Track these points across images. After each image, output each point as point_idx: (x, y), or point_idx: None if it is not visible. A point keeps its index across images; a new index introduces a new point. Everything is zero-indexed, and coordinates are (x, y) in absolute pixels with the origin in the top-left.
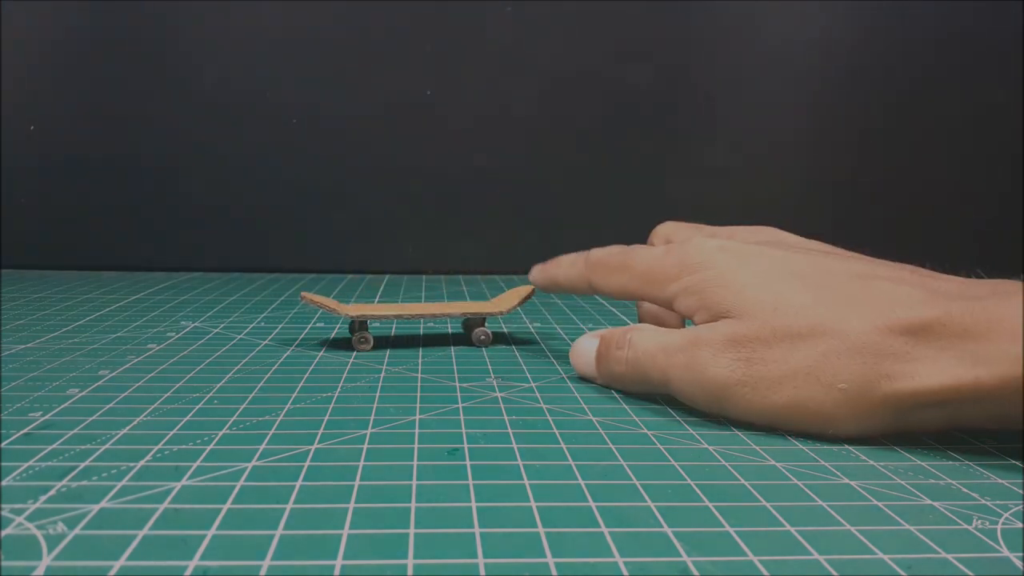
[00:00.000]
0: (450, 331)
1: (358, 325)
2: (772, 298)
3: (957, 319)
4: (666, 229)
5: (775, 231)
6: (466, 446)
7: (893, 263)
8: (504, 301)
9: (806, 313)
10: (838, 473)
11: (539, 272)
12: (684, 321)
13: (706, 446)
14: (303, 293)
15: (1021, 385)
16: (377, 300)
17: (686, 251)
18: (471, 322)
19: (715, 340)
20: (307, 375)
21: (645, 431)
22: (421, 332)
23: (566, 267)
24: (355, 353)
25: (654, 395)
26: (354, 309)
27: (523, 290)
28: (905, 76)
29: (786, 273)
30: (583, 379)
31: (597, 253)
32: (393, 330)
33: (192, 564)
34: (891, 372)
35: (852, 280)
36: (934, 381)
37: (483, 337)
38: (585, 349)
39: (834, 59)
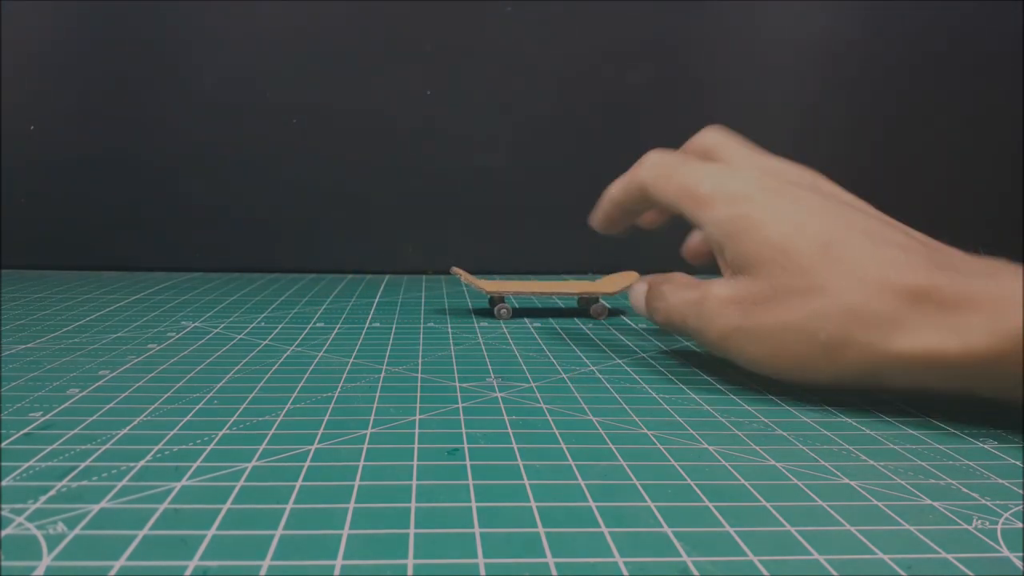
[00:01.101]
0: (562, 305)
1: (497, 299)
2: (784, 257)
3: (944, 291)
4: (709, 139)
5: (815, 177)
6: (466, 446)
7: (911, 230)
8: (611, 283)
9: (810, 275)
10: (838, 473)
11: (597, 211)
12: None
13: (706, 446)
14: (454, 268)
15: (986, 358)
16: (378, 295)
17: (727, 182)
18: (587, 299)
19: (723, 296)
20: (307, 375)
21: (645, 431)
22: (538, 305)
23: (621, 180)
24: (355, 353)
25: (655, 394)
26: (491, 286)
27: (629, 275)
28: (905, 76)
29: (806, 228)
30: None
31: (652, 154)
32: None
33: (192, 564)
34: (872, 331)
35: (864, 239)
36: (908, 346)
37: (600, 311)
38: (638, 293)
39: (834, 59)
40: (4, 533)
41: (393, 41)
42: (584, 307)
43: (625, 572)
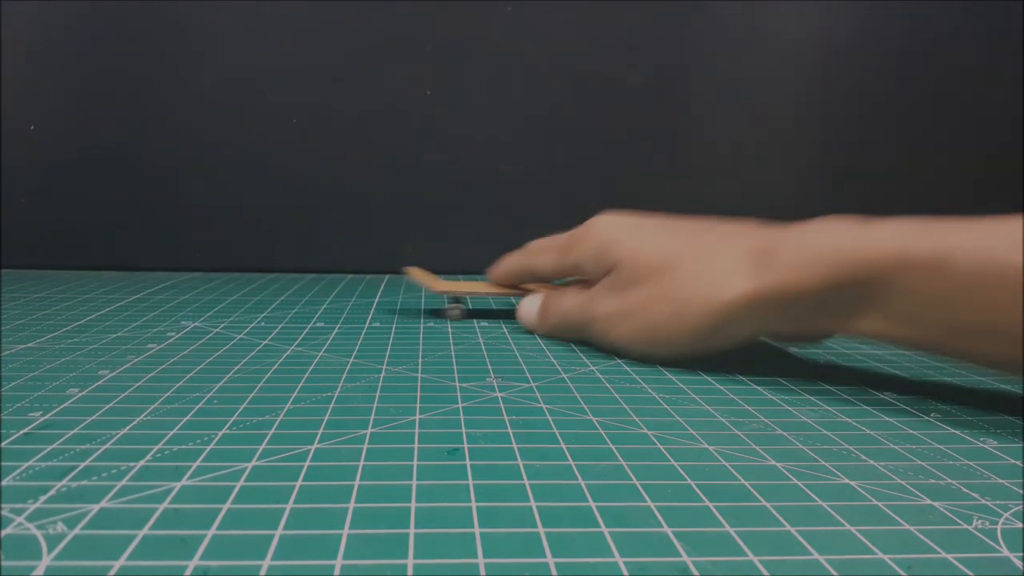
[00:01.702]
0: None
1: (451, 299)
2: (642, 246)
3: (768, 243)
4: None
5: (629, 216)
6: (466, 446)
7: (732, 222)
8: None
9: (665, 252)
10: (838, 473)
11: (495, 268)
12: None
13: (706, 446)
14: (406, 268)
15: (793, 286)
16: (378, 295)
17: (589, 226)
18: None
19: (602, 288)
20: (307, 375)
21: (645, 431)
22: (494, 306)
23: (511, 257)
24: (355, 353)
25: (655, 394)
26: (443, 285)
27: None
28: (905, 75)
29: (657, 230)
30: (528, 331)
31: (533, 243)
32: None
33: (192, 564)
34: (715, 285)
35: (708, 234)
36: (739, 291)
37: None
38: (530, 308)
39: (834, 59)
40: (4, 533)
41: (393, 41)
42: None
43: (625, 572)
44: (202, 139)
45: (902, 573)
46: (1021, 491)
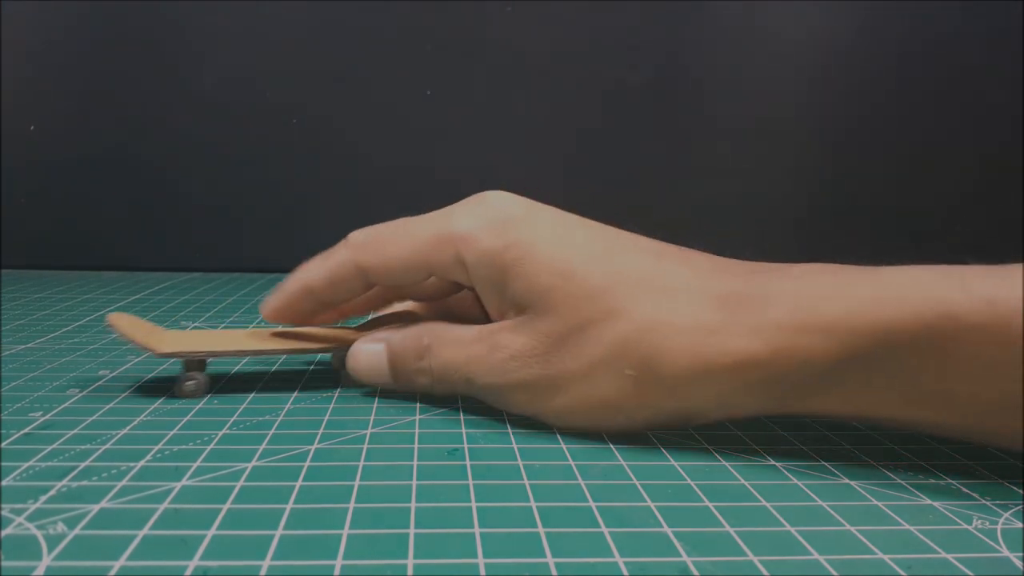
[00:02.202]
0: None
1: (183, 365)
2: (572, 283)
3: (740, 292)
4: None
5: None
6: (466, 446)
7: (678, 246)
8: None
9: (602, 297)
10: (838, 473)
11: (276, 295)
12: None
13: (706, 446)
14: (110, 316)
15: (794, 358)
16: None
17: (485, 212)
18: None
19: (515, 342)
20: (307, 375)
21: (645, 431)
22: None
23: (318, 262)
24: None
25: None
26: (169, 344)
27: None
28: (906, 75)
29: (582, 246)
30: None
31: (360, 232)
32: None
33: (192, 564)
34: (675, 349)
35: (643, 256)
36: (715, 356)
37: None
38: (371, 360)
39: (835, 59)
40: (4, 533)
41: (393, 41)
42: (339, 366)
43: (625, 572)
44: (202, 139)
45: (902, 573)
46: (1021, 491)
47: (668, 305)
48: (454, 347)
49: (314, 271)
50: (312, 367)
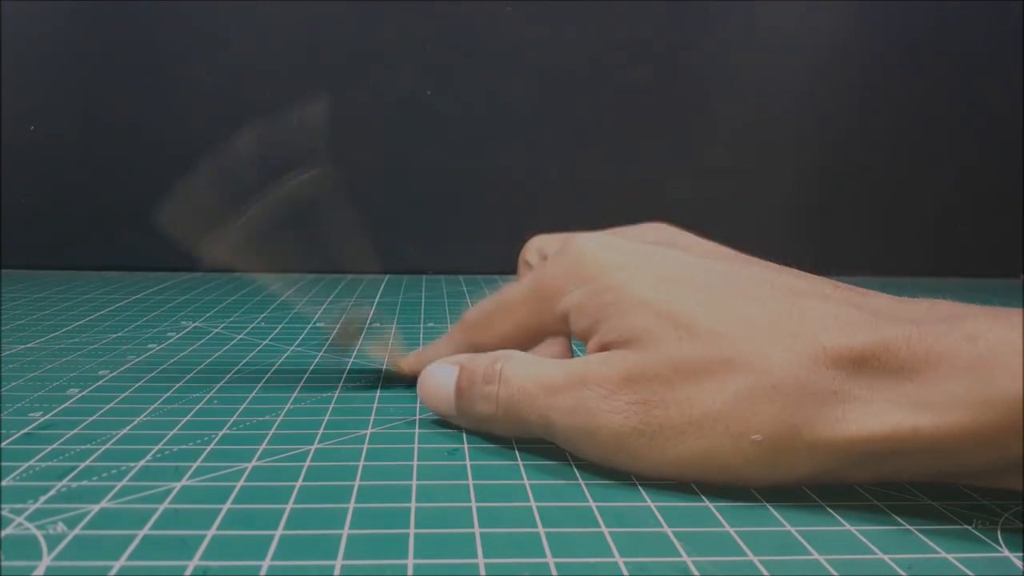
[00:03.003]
0: None
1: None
2: (675, 323)
3: (894, 350)
4: (538, 243)
5: (666, 228)
6: (466, 446)
7: (808, 274)
8: None
9: (717, 343)
10: None
11: (413, 362)
12: (572, 345)
13: None
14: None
15: (969, 436)
16: (378, 295)
17: (567, 256)
18: None
19: (607, 378)
20: (307, 375)
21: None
22: None
23: (443, 343)
24: (355, 353)
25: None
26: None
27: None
28: (906, 75)
29: (691, 287)
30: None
31: (470, 311)
32: None
33: (192, 564)
34: (815, 417)
35: (769, 297)
36: (864, 429)
37: None
38: (440, 381)
39: (835, 59)
40: (4, 533)
41: (393, 41)
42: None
43: (625, 572)
44: (202, 139)
45: (902, 573)
46: (1021, 491)
47: (799, 363)
48: (531, 377)
49: (439, 351)
50: (312, 366)
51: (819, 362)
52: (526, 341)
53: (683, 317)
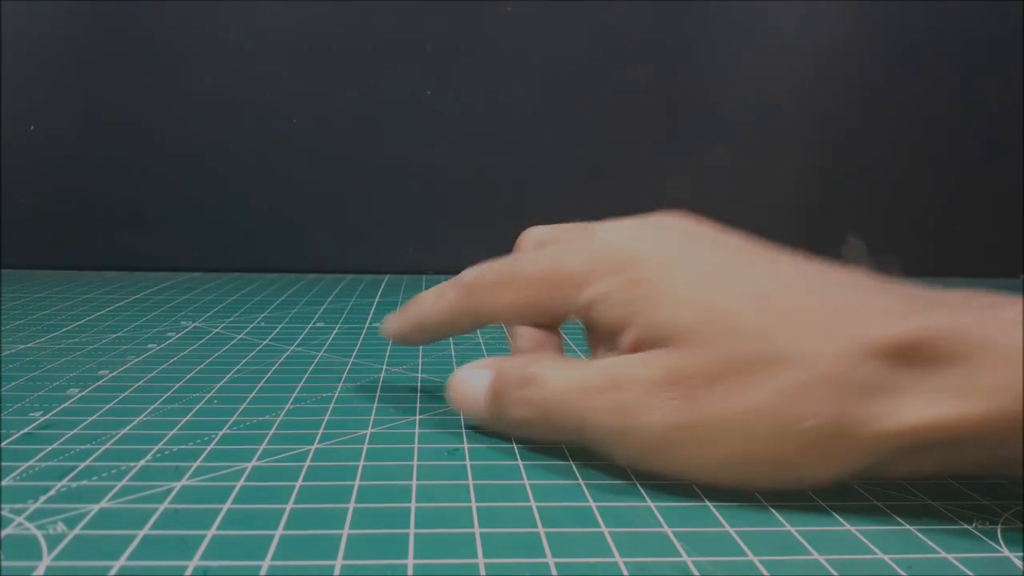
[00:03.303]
0: None
1: None
2: (718, 319)
3: (937, 338)
4: (537, 233)
5: (685, 219)
6: (466, 446)
7: (841, 267)
8: None
9: (762, 338)
10: None
11: (396, 322)
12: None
13: None
14: None
15: (1015, 423)
16: (378, 295)
17: (599, 243)
18: None
19: (648, 378)
20: (307, 375)
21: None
22: None
23: (432, 301)
24: (355, 353)
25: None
26: None
27: None
28: (906, 75)
29: (731, 281)
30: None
31: (471, 272)
32: None
33: (192, 564)
34: (863, 409)
35: (811, 289)
36: (911, 418)
37: None
38: (472, 386)
39: (835, 59)
40: (4, 533)
41: (393, 41)
42: None
43: (625, 572)
44: (202, 139)
45: (902, 573)
46: (1021, 491)
47: (847, 354)
48: (566, 379)
49: (427, 310)
50: (312, 366)
51: (865, 354)
52: (531, 319)
53: (726, 313)
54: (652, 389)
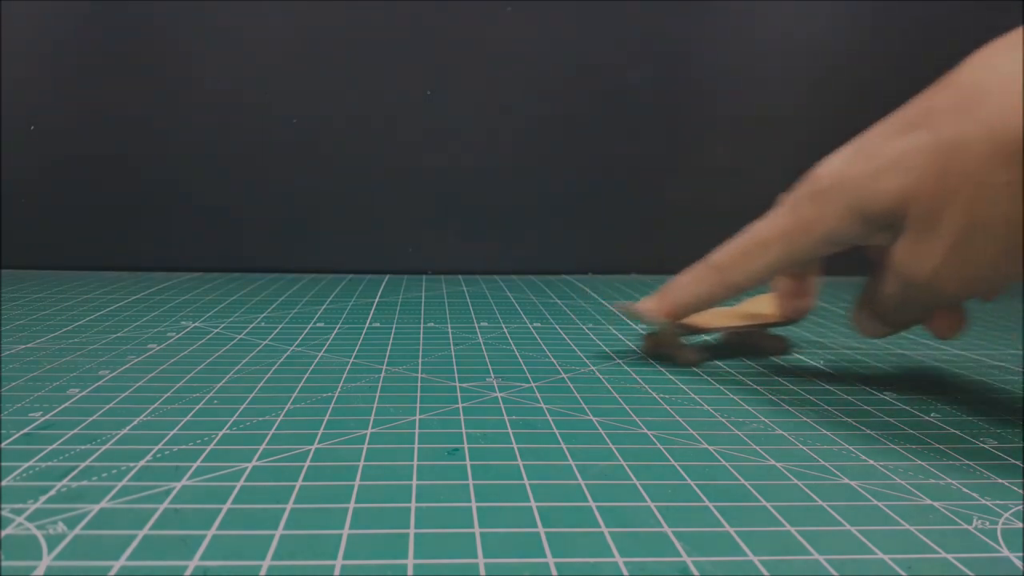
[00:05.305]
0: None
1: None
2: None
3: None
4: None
5: None
6: (466, 446)
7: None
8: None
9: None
10: (838, 473)
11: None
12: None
13: (706, 446)
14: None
15: None
16: (378, 295)
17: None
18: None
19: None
20: (307, 375)
21: (645, 431)
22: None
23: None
24: (355, 353)
25: (655, 393)
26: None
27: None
28: (907, 76)
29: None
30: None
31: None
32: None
33: (192, 564)
34: None
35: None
36: None
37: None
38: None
39: (835, 58)
40: (4, 533)
41: (393, 41)
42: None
43: (625, 572)
44: (202, 139)
45: (902, 573)
46: (1021, 491)
47: None
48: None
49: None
50: (312, 366)
51: None
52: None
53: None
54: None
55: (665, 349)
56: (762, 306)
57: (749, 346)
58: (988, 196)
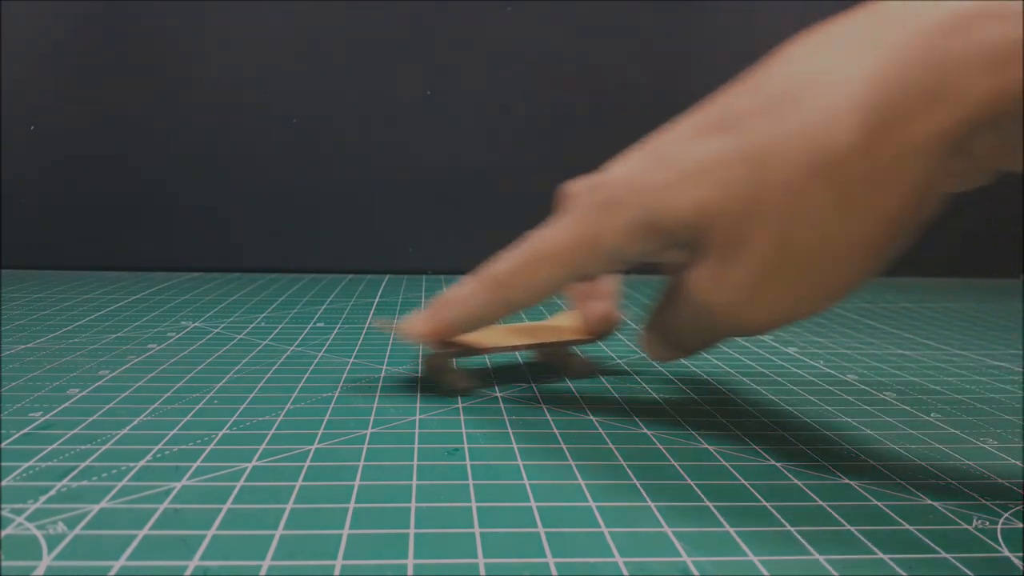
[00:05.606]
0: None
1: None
2: (709, 215)
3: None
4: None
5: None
6: (466, 446)
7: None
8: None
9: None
10: (838, 473)
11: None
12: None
13: (706, 446)
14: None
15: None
16: (378, 295)
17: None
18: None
19: (708, 259)
20: (307, 375)
21: (645, 431)
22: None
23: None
24: (355, 353)
25: (655, 394)
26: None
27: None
28: None
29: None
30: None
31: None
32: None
33: (192, 564)
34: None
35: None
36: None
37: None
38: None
39: None
40: (4, 533)
41: (393, 41)
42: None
43: (625, 572)
44: (202, 139)
45: (902, 573)
46: (1021, 491)
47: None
48: (671, 306)
49: (459, 302)
50: (312, 366)
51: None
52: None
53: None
54: (711, 266)
55: (434, 373)
56: (559, 321)
57: (554, 367)
58: (803, 216)
